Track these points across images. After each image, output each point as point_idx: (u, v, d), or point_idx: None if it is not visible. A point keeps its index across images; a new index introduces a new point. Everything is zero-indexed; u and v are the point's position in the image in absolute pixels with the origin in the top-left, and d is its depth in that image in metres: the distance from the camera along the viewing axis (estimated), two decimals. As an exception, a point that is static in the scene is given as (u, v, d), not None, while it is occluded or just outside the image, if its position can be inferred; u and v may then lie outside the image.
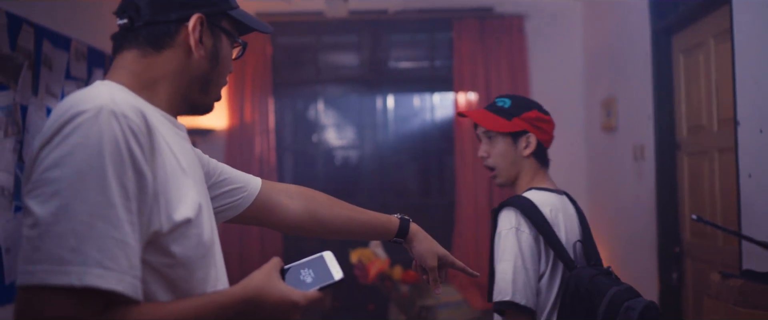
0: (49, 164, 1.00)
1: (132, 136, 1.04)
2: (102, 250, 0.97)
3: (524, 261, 1.95)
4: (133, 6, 1.22)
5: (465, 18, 5.16)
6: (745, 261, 2.70)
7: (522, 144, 2.18)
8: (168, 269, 1.11)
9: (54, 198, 0.98)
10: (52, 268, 0.95)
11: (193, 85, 1.26)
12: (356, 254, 4.12)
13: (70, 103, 1.05)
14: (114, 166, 1.01)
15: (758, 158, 2.60)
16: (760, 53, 2.57)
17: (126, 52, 1.23)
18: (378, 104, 5.43)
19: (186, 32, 1.22)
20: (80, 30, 3.59)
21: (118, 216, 1.00)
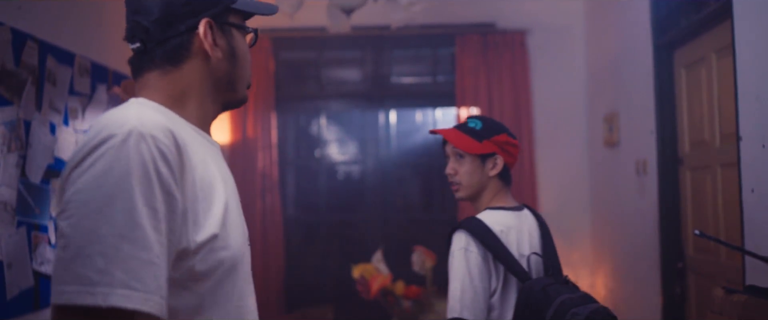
0: (79, 187, 1.03)
1: (160, 158, 1.07)
2: (128, 271, 0.99)
3: (472, 279, 2.08)
4: (141, 29, 1.23)
5: (467, 33, 5.17)
6: (749, 276, 2.69)
7: (489, 165, 2.30)
8: (194, 283, 1.14)
9: (83, 220, 1.01)
10: (80, 289, 0.98)
11: (220, 86, 1.30)
12: (358, 269, 4.11)
13: (102, 125, 1.09)
14: (142, 188, 1.03)
15: (761, 173, 2.60)
16: (762, 68, 2.57)
17: (147, 73, 1.26)
18: (380, 119, 5.43)
19: (199, 40, 1.24)
20: (84, 46, 3.60)
21: (146, 237, 1.02)
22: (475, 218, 2.21)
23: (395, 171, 5.46)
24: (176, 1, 1.22)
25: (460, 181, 2.36)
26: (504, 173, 2.33)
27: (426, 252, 4.19)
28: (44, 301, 3.17)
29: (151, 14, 1.22)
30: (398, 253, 4.89)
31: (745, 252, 2.53)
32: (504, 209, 2.27)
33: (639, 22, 3.98)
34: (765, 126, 2.56)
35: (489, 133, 2.31)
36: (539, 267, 2.18)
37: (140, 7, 1.23)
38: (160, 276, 1.03)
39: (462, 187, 2.37)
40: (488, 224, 2.16)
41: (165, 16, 1.22)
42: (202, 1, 1.25)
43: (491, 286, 2.12)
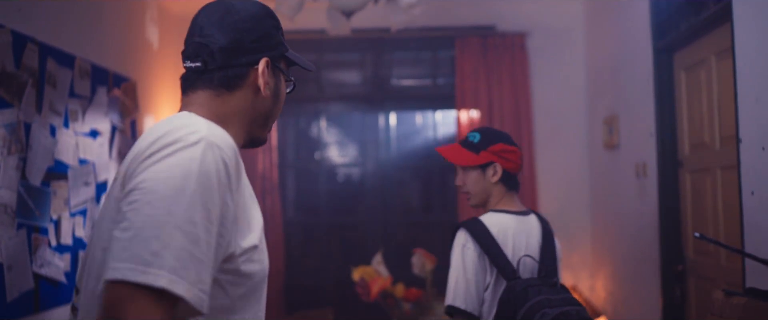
0: (147, 176, 1.14)
1: (223, 166, 1.19)
2: (178, 260, 1.08)
3: (467, 273, 2.31)
4: (206, 51, 1.36)
5: (467, 36, 5.18)
6: (749, 279, 2.69)
7: (489, 173, 2.49)
8: (234, 287, 1.25)
9: (146, 207, 1.10)
10: (134, 267, 1.06)
11: (257, 120, 1.44)
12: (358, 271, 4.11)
13: (172, 127, 1.21)
14: (203, 190, 1.14)
15: (761, 175, 2.60)
16: (762, 71, 2.58)
17: (200, 91, 1.38)
18: (380, 121, 5.44)
19: (255, 74, 1.39)
20: (84, 48, 3.60)
21: (197, 235, 1.11)
22: (476, 218, 2.40)
23: (395, 174, 5.46)
24: (246, 37, 1.38)
25: (468, 190, 2.54)
26: (506, 179, 2.49)
27: (426, 255, 4.18)
28: (44, 304, 3.16)
29: (220, 42, 1.36)
30: (398, 255, 4.89)
31: (745, 255, 2.53)
32: (507, 212, 2.44)
33: (639, 24, 3.99)
34: (765, 128, 2.56)
35: (486, 144, 2.50)
36: (532, 268, 2.34)
37: (211, 34, 1.37)
38: (204, 273, 1.12)
39: (471, 196, 2.55)
40: (487, 225, 2.35)
41: (232, 47, 1.37)
42: (266, 42, 1.41)
43: (485, 281, 2.32)
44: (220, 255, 1.19)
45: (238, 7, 1.41)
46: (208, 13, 1.41)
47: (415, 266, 4.22)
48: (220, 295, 1.23)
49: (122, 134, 4.02)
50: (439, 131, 5.52)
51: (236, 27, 1.38)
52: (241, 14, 1.40)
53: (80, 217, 3.51)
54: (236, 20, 1.39)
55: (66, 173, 3.38)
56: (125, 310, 1.05)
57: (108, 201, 1.28)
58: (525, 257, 2.34)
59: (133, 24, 4.36)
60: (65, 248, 3.36)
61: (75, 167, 3.46)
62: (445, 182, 5.53)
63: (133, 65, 4.29)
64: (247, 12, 1.41)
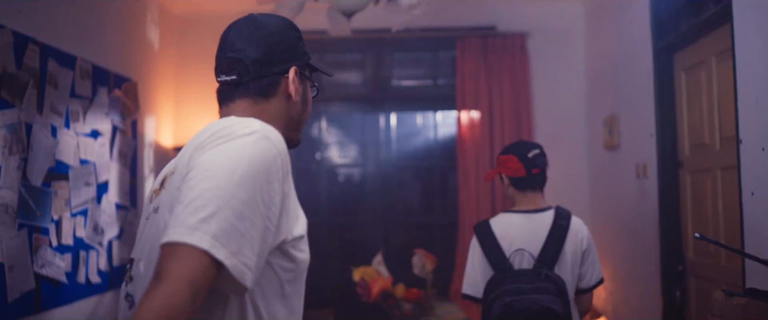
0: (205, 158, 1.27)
1: (274, 157, 1.30)
2: (222, 230, 1.18)
3: (474, 266, 2.74)
4: (241, 65, 1.49)
5: (468, 37, 5.18)
6: (749, 279, 2.69)
7: (504, 181, 2.88)
8: (284, 272, 1.38)
9: (201, 183, 1.22)
10: (182, 230, 1.17)
11: (290, 125, 1.57)
12: (359, 272, 4.12)
13: (227, 123, 1.34)
14: (253, 173, 1.25)
15: (761, 176, 2.61)
16: (762, 72, 2.58)
17: (238, 100, 1.51)
18: (381, 122, 5.44)
19: (286, 82, 1.54)
20: (85, 48, 3.61)
21: (243, 211, 1.21)
22: (484, 221, 2.80)
23: (396, 174, 5.46)
24: (276, 49, 1.52)
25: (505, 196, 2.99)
26: (516, 183, 2.81)
27: (426, 255, 4.19)
28: (45, 304, 3.17)
29: (252, 56, 1.49)
30: (398, 256, 4.89)
31: (745, 255, 2.53)
32: (516, 212, 2.79)
33: (639, 25, 3.99)
34: (765, 129, 2.56)
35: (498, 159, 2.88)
36: (528, 260, 2.64)
37: (243, 48, 1.50)
38: (245, 247, 1.21)
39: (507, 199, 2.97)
40: (491, 224, 2.75)
41: (264, 59, 1.50)
42: (293, 52, 1.56)
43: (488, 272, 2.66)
44: (269, 238, 1.30)
45: (266, 22, 1.54)
46: (237, 29, 1.53)
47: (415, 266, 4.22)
48: (273, 279, 1.36)
49: (123, 135, 4.02)
50: (440, 132, 5.52)
51: (266, 41, 1.51)
52: (268, 29, 1.53)
53: (81, 217, 3.51)
54: (265, 34, 1.51)
55: (67, 173, 3.38)
56: (168, 264, 1.15)
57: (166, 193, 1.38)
58: (519, 250, 2.64)
59: (133, 25, 4.37)
60: (66, 248, 3.36)
61: (76, 167, 3.47)
62: (445, 183, 5.53)
63: (133, 66, 4.29)
64: (273, 26, 1.54)
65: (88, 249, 3.59)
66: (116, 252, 3.93)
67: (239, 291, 1.24)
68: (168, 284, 1.12)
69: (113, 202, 3.89)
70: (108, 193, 3.82)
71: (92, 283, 3.64)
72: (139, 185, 4.34)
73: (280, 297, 1.38)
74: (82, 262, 3.53)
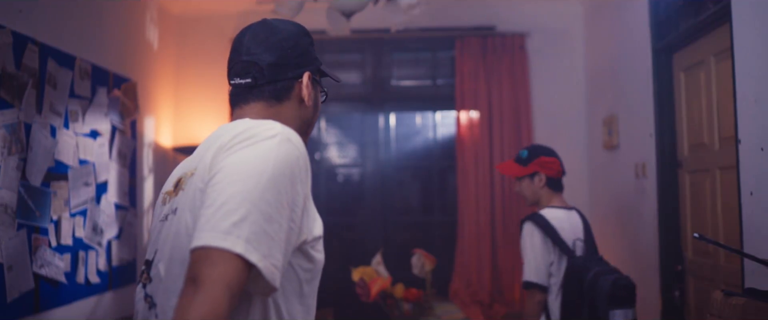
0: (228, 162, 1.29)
1: (296, 160, 1.33)
2: (254, 233, 1.21)
3: (536, 255, 3.01)
4: (256, 68, 1.53)
5: (467, 37, 5.19)
6: (748, 279, 2.70)
7: (537, 180, 3.21)
8: (303, 272, 1.41)
9: (229, 187, 1.25)
10: (215, 235, 1.20)
11: (302, 128, 1.59)
12: (358, 272, 4.11)
13: (249, 125, 1.37)
14: (278, 176, 1.28)
15: (760, 176, 2.61)
16: (761, 72, 2.58)
17: (252, 103, 1.55)
18: (380, 122, 5.44)
19: (299, 87, 1.57)
20: (85, 48, 3.61)
21: (271, 214, 1.25)
22: (537, 213, 3.10)
23: (395, 174, 5.46)
24: (291, 54, 1.56)
25: (523, 195, 3.27)
26: (551, 183, 3.21)
27: (425, 255, 4.19)
28: (44, 304, 3.17)
29: (268, 60, 1.53)
30: (398, 256, 4.89)
31: (743, 255, 2.54)
32: (557, 208, 3.16)
33: (638, 25, 3.99)
34: (764, 129, 2.57)
35: (532, 157, 3.19)
36: (581, 248, 3.07)
37: (259, 53, 1.53)
38: (275, 249, 1.25)
39: (525, 198, 3.28)
40: (547, 218, 3.06)
41: (280, 64, 1.54)
42: (306, 58, 1.60)
43: (549, 259, 3.02)
44: (292, 239, 1.33)
45: (281, 27, 1.58)
46: (252, 34, 1.57)
47: (414, 266, 4.22)
48: (293, 279, 1.39)
49: (122, 135, 4.02)
50: (439, 132, 5.52)
51: (281, 45, 1.55)
52: (284, 34, 1.57)
53: (80, 217, 3.51)
54: (281, 39, 1.55)
55: (66, 173, 3.38)
56: (203, 268, 1.18)
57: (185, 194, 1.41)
58: (577, 240, 3.07)
59: (133, 25, 4.37)
60: (65, 248, 3.37)
61: (75, 167, 3.47)
62: (444, 183, 5.53)
63: (133, 66, 4.29)
64: (288, 32, 1.58)
65: (87, 249, 3.59)
66: (115, 253, 3.93)
67: (268, 292, 1.28)
68: (208, 291, 1.15)
69: (112, 202, 3.89)
70: (107, 193, 3.82)
71: (91, 283, 3.64)
72: (139, 186, 4.34)
73: (298, 296, 1.42)
74: (82, 262, 3.53)
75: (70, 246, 3.42)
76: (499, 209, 5.06)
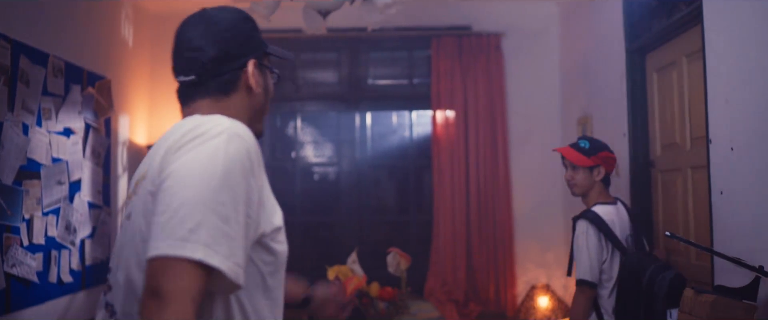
0: (179, 165, 1.26)
1: (246, 154, 1.30)
2: (212, 236, 1.19)
3: (590, 253, 2.96)
4: (198, 64, 1.47)
5: (443, 36, 5.20)
6: (717, 276, 2.74)
7: (595, 173, 3.13)
8: (265, 265, 1.38)
9: (181, 191, 1.22)
10: (174, 243, 1.17)
11: (254, 116, 1.56)
12: (334, 271, 4.12)
13: (196, 123, 1.33)
14: (230, 174, 1.25)
15: (730, 175, 2.65)
16: (731, 72, 2.62)
17: (199, 100, 1.50)
18: (356, 121, 5.44)
19: (246, 76, 1.51)
20: (58, 46, 3.57)
21: (227, 214, 1.23)
22: (591, 210, 3.04)
23: (371, 173, 5.47)
24: (232, 44, 1.49)
25: (576, 184, 3.19)
26: (605, 178, 3.14)
27: (401, 254, 4.20)
28: (16, 304, 3.14)
29: (208, 53, 1.47)
30: (373, 254, 4.90)
31: (714, 253, 2.58)
32: (607, 203, 3.08)
33: (612, 26, 4.03)
34: (734, 129, 2.61)
35: (595, 150, 3.12)
36: (630, 244, 3.02)
37: (198, 46, 1.47)
38: (235, 248, 1.23)
39: (577, 188, 3.19)
40: (601, 215, 3.00)
41: (221, 56, 1.48)
42: (249, 45, 1.53)
43: (602, 257, 2.97)
44: (250, 234, 1.31)
45: (218, 17, 1.52)
46: (190, 26, 1.52)
47: (390, 265, 4.23)
48: (255, 273, 1.36)
49: (96, 133, 3.99)
50: (415, 131, 5.53)
51: (221, 37, 1.49)
52: (222, 24, 1.50)
53: (53, 216, 3.48)
54: (219, 30, 1.49)
55: (39, 171, 3.35)
56: (165, 280, 1.15)
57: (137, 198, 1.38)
58: (628, 236, 3.03)
59: (108, 22, 4.33)
60: (37, 247, 3.33)
61: (48, 165, 3.44)
62: (420, 182, 5.55)
63: (107, 64, 4.26)
64: (226, 20, 1.51)
65: (60, 248, 3.56)
66: (89, 252, 3.89)
67: (233, 290, 1.27)
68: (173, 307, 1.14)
69: (86, 201, 3.86)
70: (81, 192, 3.79)
71: (64, 283, 3.61)
72: (113, 184, 4.30)
73: (262, 290, 1.39)
74: (54, 261, 3.50)
75: (43, 245, 3.39)
76: (474, 209, 5.08)
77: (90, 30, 4.04)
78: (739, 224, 2.57)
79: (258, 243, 1.35)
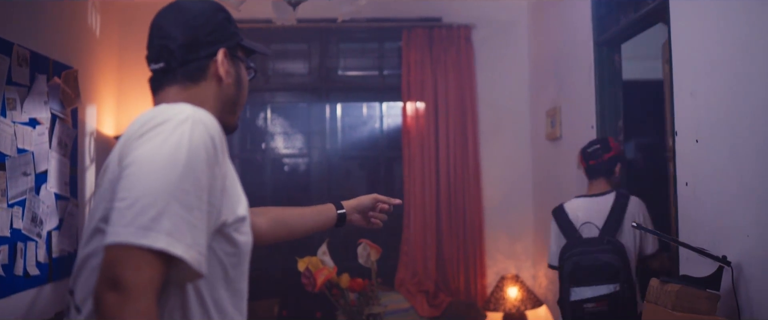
0: (140, 153, 1.24)
1: (210, 140, 1.29)
2: (174, 225, 1.19)
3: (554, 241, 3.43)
4: (166, 51, 1.48)
5: (414, 28, 5.21)
6: (682, 267, 2.78)
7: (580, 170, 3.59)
8: (227, 257, 1.37)
9: (142, 179, 1.21)
10: (136, 232, 1.16)
11: (226, 108, 1.55)
12: (304, 262, 4.11)
13: (159, 111, 1.32)
14: (193, 162, 1.24)
15: (695, 166, 2.69)
16: (697, 65, 2.66)
17: (167, 88, 1.50)
18: (327, 112, 5.43)
19: (215, 65, 1.51)
20: (23, 35, 3.52)
21: (190, 202, 1.22)
22: (560, 204, 3.46)
23: (341, 164, 5.47)
24: (201, 32, 1.50)
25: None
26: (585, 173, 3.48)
27: (371, 245, 4.20)
28: (-19, 296, 3.09)
29: (177, 40, 1.48)
30: (344, 246, 4.91)
31: (678, 243, 2.62)
32: (583, 196, 3.44)
33: (580, 19, 4.07)
34: (699, 121, 2.65)
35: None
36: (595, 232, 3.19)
37: (168, 34, 1.49)
38: (198, 237, 1.23)
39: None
40: (565, 206, 3.41)
41: (190, 43, 1.48)
42: (220, 34, 1.53)
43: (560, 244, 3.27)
44: (212, 223, 1.30)
45: (189, 5, 1.53)
46: (162, 15, 1.53)
47: (360, 256, 4.23)
48: (217, 265, 1.35)
49: (63, 123, 3.94)
50: (385, 123, 5.54)
51: (190, 24, 1.50)
52: (192, 12, 1.51)
53: (19, 208, 3.43)
54: (189, 18, 1.50)
55: (3, 162, 3.30)
56: (126, 271, 1.14)
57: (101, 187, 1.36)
58: (586, 224, 3.22)
59: (74, 11, 4.27)
60: (3, 240, 3.29)
61: (13, 156, 3.39)
62: (390, 173, 5.56)
63: (74, 53, 4.20)
64: (197, 9, 1.52)
65: (26, 240, 3.51)
66: (56, 244, 3.85)
67: (193, 279, 1.27)
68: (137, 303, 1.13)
69: (52, 192, 3.81)
70: (47, 183, 3.74)
71: (31, 276, 3.56)
72: (80, 175, 4.25)
73: (223, 281, 1.38)
74: (20, 254, 3.45)
75: (8, 238, 3.34)
76: (444, 200, 5.11)
77: (56, 19, 3.98)
78: (703, 215, 2.61)
79: (219, 233, 1.34)
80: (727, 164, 2.44)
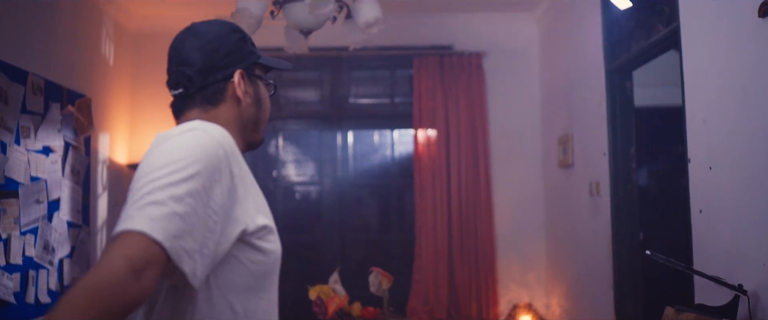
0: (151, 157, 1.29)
1: (219, 148, 1.32)
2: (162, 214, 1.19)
3: None
4: (185, 78, 1.51)
5: (425, 55, 5.23)
6: (697, 295, 2.75)
7: None
8: (255, 265, 1.39)
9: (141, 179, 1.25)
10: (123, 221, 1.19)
11: (247, 126, 1.57)
12: (315, 290, 4.09)
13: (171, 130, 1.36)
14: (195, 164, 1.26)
15: (708, 194, 2.67)
16: (709, 93, 2.65)
17: (188, 112, 1.52)
18: (338, 139, 5.44)
19: (233, 87, 1.53)
20: (37, 64, 3.55)
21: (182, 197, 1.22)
22: None
23: (353, 192, 5.46)
24: (216, 56, 1.51)
25: None
26: None
27: (383, 273, 4.18)
28: (-8, 324, 3.09)
29: (195, 65, 1.50)
30: (355, 274, 4.88)
31: (693, 272, 2.59)
32: None
33: (592, 46, 4.07)
34: (712, 148, 2.63)
35: None
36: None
37: (185, 60, 1.51)
38: (185, 233, 1.22)
39: None
40: None
41: (206, 68, 1.50)
42: (236, 56, 1.55)
43: None
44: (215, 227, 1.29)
45: (203, 30, 1.54)
46: (179, 41, 1.55)
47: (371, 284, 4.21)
48: (242, 272, 1.37)
49: (76, 151, 3.96)
50: (397, 150, 5.54)
51: (205, 49, 1.51)
52: (206, 36, 1.53)
53: (31, 236, 3.44)
54: (204, 43, 1.52)
55: (17, 190, 3.32)
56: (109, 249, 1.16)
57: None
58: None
59: (88, 40, 4.31)
60: (15, 267, 3.29)
61: (26, 184, 3.40)
62: (402, 201, 5.54)
63: (88, 82, 4.23)
64: (211, 33, 1.54)
65: (38, 268, 3.51)
66: (67, 271, 3.85)
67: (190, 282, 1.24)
68: (105, 261, 1.13)
69: (65, 220, 3.82)
70: (60, 211, 3.75)
71: (42, 303, 3.56)
72: (92, 203, 4.26)
73: (254, 290, 1.39)
74: (32, 282, 3.45)
75: (20, 265, 3.34)
76: (456, 227, 5.08)
77: (70, 48, 4.02)
78: (718, 243, 2.59)
79: (243, 242, 1.36)
80: (741, 192, 2.41)
